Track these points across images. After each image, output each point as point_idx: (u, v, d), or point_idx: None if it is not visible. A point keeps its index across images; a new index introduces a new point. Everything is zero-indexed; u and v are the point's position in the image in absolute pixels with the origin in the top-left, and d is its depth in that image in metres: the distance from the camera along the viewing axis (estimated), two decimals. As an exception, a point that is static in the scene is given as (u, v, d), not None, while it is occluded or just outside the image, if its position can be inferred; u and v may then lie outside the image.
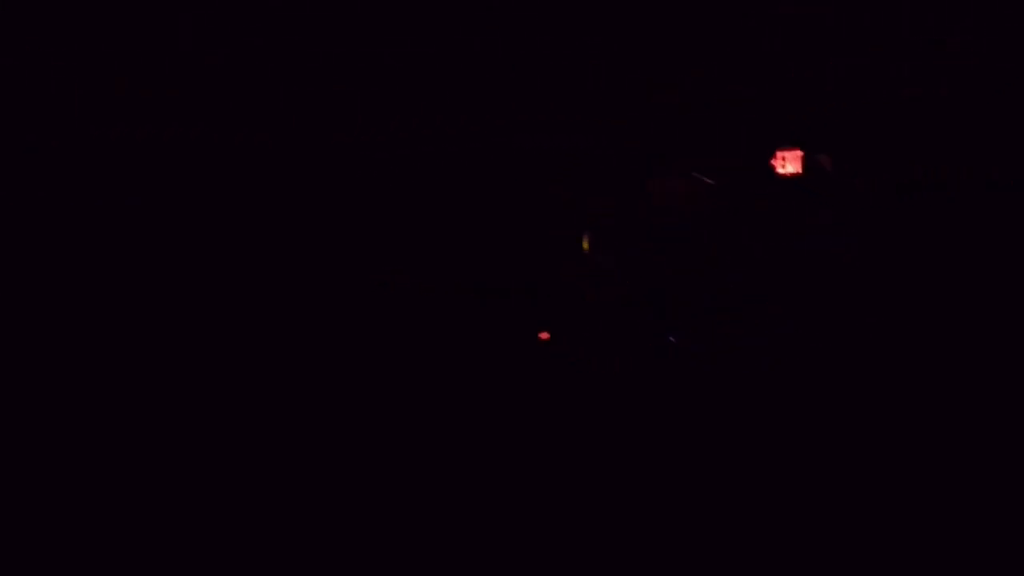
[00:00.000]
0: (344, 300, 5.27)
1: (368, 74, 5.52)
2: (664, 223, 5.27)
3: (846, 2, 5.52)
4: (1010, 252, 5.23)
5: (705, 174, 5.34)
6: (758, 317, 5.10)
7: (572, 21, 5.53)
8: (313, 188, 5.43)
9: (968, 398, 4.79)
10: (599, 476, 4.43)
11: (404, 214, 5.44)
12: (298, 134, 5.47)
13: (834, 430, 4.68)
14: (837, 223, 5.15)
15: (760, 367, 5.00)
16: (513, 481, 4.37)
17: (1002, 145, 5.39)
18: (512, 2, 5.51)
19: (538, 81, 5.54)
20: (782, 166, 5.34)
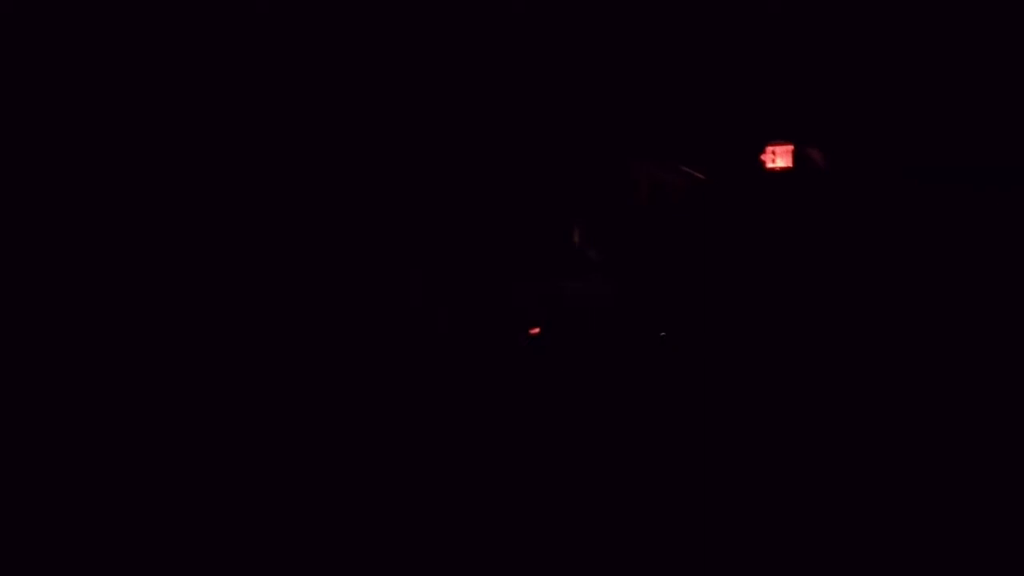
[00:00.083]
0: (341, 299, 5.32)
1: (362, 74, 5.58)
2: (653, 218, 5.30)
3: None
4: (1000, 245, 5.22)
5: (695, 168, 5.37)
6: (750, 314, 5.12)
7: (559, 16, 5.57)
8: (312, 188, 5.49)
9: (960, 397, 4.77)
10: (590, 474, 4.44)
11: (397, 212, 5.49)
12: (298, 134, 5.52)
13: (833, 430, 4.65)
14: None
15: (751, 364, 5.02)
16: (507, 480, 4.38)
17: (994, 138, 5.37)
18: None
19: (525, 76, 5.58)
20: (772, 160, 5.36)
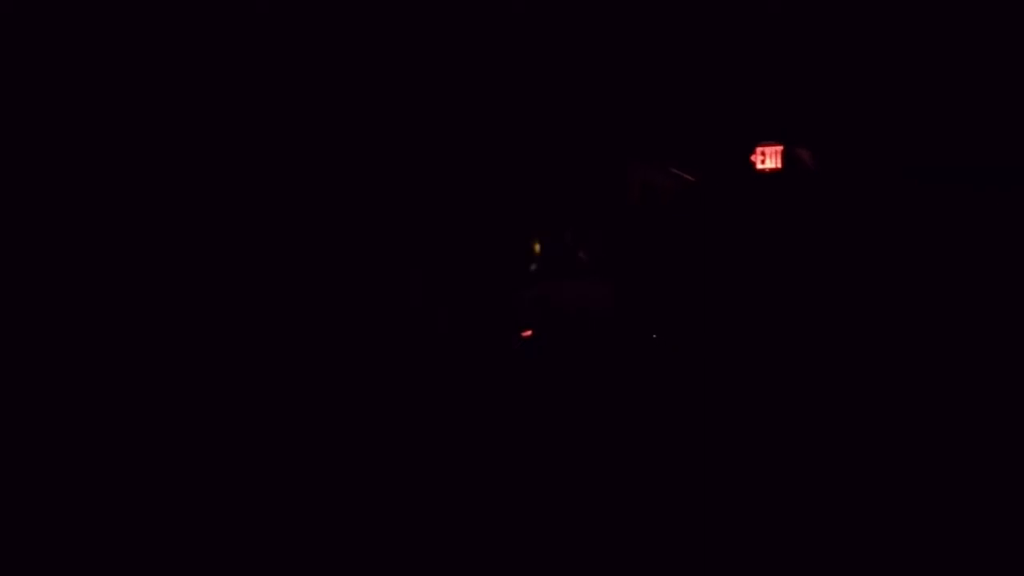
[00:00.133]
0: (344, 299, 5.33)
1: (360, 78, 5.59)
2: (644, 219, 5.31)
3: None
4: (990, 239, 5.22)
5: (685, 170, 5.38)
6: (741, 313, 5.11)
7: (550, 18, 5.58)
8: (311, 188, 5.50)
9: (957, 396, 4.74)
10: (585, 474, 4.43)
11: (390, 213, 5.50)
12: (296, 134, 5.52)
13: (831, 429, 4.62)
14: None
15: (742, 362, 5.01)
16: (503, 479, 4.37)
17: (981, 136, 5.37)
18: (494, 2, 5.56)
19: (518, 79, 5.59)
20: (762, 161, 5.38)
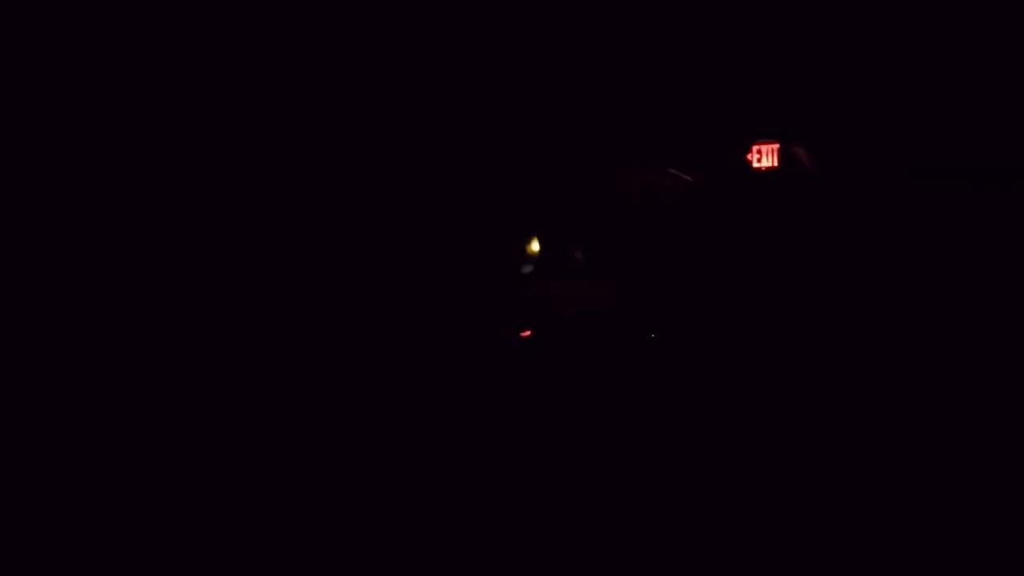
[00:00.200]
0: (345, 299, 5.34)
1: (362, 78, 5.59)
2: (642, 219, 5.33)
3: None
4: (990, 239, 5.23)
5: (684, 170, 5.40)
6: (739, 312, 5.12)
7: (550, 19, 5.58)
8: (311, 188, 5.51)
9: (956, 396, 4.75)
10: (585, 474, 4.43)
11: (390, 213, 5.52)
12: (296, 134, 5.53)
13: (831, 428, 4.63)
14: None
15: (740, 361, 5.03)
16: (503, 479, 4.37)
17: (981, 136, 5.38)
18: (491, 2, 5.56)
19: (518, 80, 5.60)
20: (758, 160, 5.40)
